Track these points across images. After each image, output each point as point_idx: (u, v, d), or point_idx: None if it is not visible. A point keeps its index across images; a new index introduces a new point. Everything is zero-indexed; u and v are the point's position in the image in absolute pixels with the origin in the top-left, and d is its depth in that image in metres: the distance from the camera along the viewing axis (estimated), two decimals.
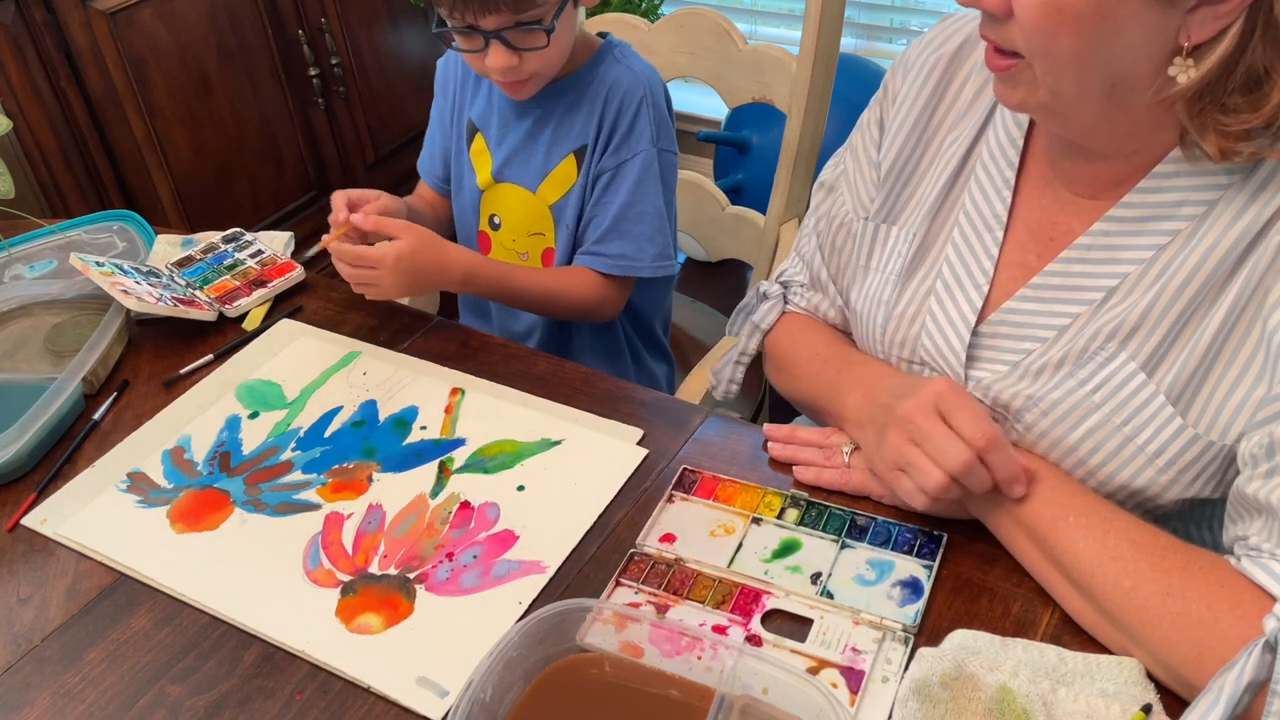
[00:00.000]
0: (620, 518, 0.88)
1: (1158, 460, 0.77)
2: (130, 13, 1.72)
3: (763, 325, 1.04)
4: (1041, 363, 0.82)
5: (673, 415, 0.98)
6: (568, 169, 1.21)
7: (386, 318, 1.14)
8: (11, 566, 0.88)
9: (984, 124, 0.87)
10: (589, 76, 1.19)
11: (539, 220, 1.24)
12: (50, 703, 0.76)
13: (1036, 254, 0.84)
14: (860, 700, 0.72)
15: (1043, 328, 0.82)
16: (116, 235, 1.27)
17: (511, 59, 1.09)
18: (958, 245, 0.87)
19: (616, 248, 1.20)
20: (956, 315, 0.87)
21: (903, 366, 0.91)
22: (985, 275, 0.85)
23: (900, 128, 0.92)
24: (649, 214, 1.20)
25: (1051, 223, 0.83)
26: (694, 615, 0.79)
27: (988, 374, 0.85)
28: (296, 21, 1.99)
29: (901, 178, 0.92)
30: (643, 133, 1.18)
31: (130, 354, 1.11)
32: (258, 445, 0.98)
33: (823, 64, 1.31)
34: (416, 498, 0.91)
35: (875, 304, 0.92)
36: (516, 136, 1.23)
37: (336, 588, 0.84)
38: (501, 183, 1.25)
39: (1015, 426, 0.83)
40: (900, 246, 0.91)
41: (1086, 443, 0.79)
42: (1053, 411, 0.80)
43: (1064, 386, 0.80)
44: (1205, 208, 0.74)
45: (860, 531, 0.84)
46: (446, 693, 0.75)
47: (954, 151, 0.88)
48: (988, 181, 0.86)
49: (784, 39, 2.56)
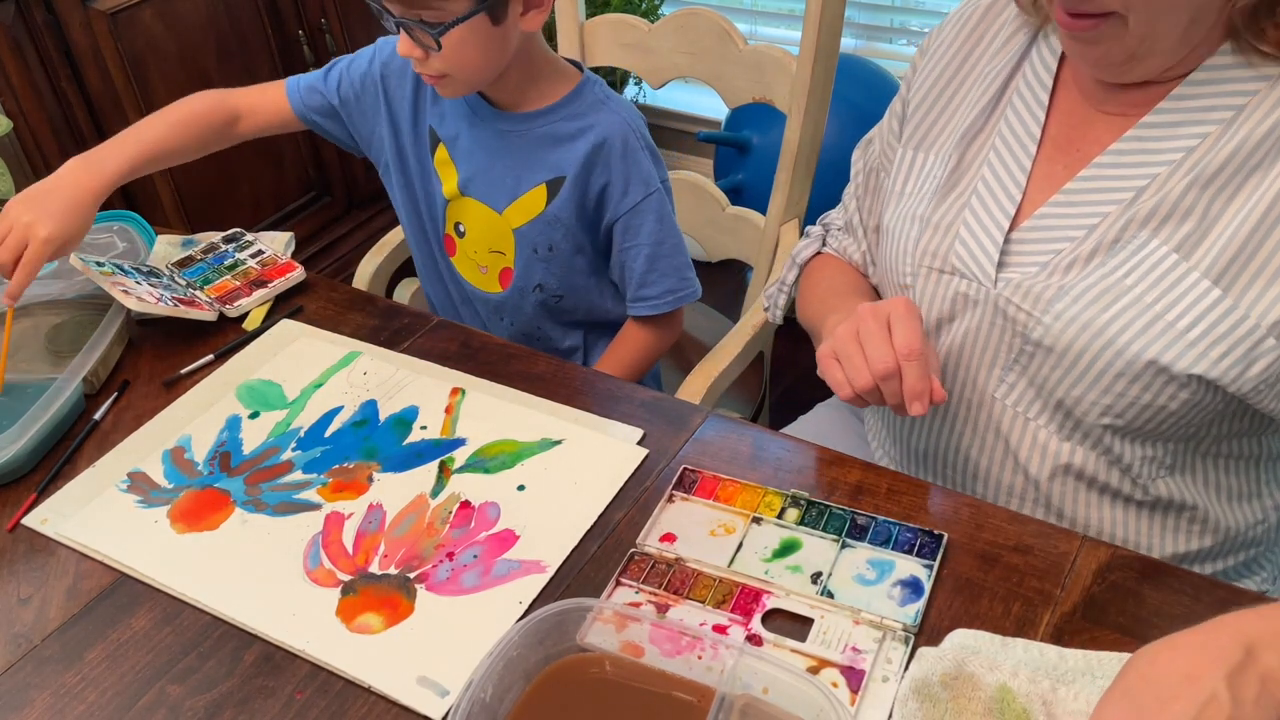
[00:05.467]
0: (620, 517, 0.88)
1: (1189, 334, 0.81)
2: (130, 13, 1.72)
3: (799, 260, 1.15)
4: (1073, 257, 0.86)
5: (673, 415, 0.98)
6: (537, 196, 1.21)
7: (387, 318, 1.14)
8: (11, 566, 0.88)
9: (1020, 59, 0.93)
10: (570, 111, 1.19)
11: (500, 240, 1.25)
12: (50, 703, 0.76)
13: (1064, 165, 0.89)
14: (860, 700, 0.72)
15: (1074, 228, 0.87)
16: (116, 235, 1.27)
17: (415, 50, 1.08)
18: (992, 164, 0.93)
19: (660, 286, 1.24)
20: (990, 222, 0.91)
21: (934, 278, 0.94)
22: (1018, 186, 0.90)
23: (935, 65, 0.99)
24: (678, 245, 1.25)
25: (1081, 137, 0.89)
26: (694, 615, 0.79)
27: (1019, 274, 0.89)
28: (296, 21, 1.99)
29: (936, 107, 0.98)
30: (649, 174, 1.21)
31: (130, 354, 1.11)
32: (258, 445, 0.98)
33: (823, 64, 1.31)
34: (417, 497, 0.91)
35: (909, 220, 0.97)
36: (483, 155, 1.22)
37: (337, 587, 0.84)
38: (467, 196, 1.24)
39: (1043, 319, 0.86)
40: (935, 170, 0.97)
41: (1117, 323, 0.83)
42: (1084, 297, 0.84)
43: (1095, 274, 0.84)
44: (1234, 111, 0.80)
45: (860, 531, 0.84)
46: (447, 692, 0.75)
47: (990, 83, 0.94)
48: (1023, 106, 0.92)
49: (784, 39, 2.56)
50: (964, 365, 0.94)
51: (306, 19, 2.00)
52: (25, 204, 1.07)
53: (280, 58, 1.98)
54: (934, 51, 1.00)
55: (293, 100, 1.27)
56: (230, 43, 1.88)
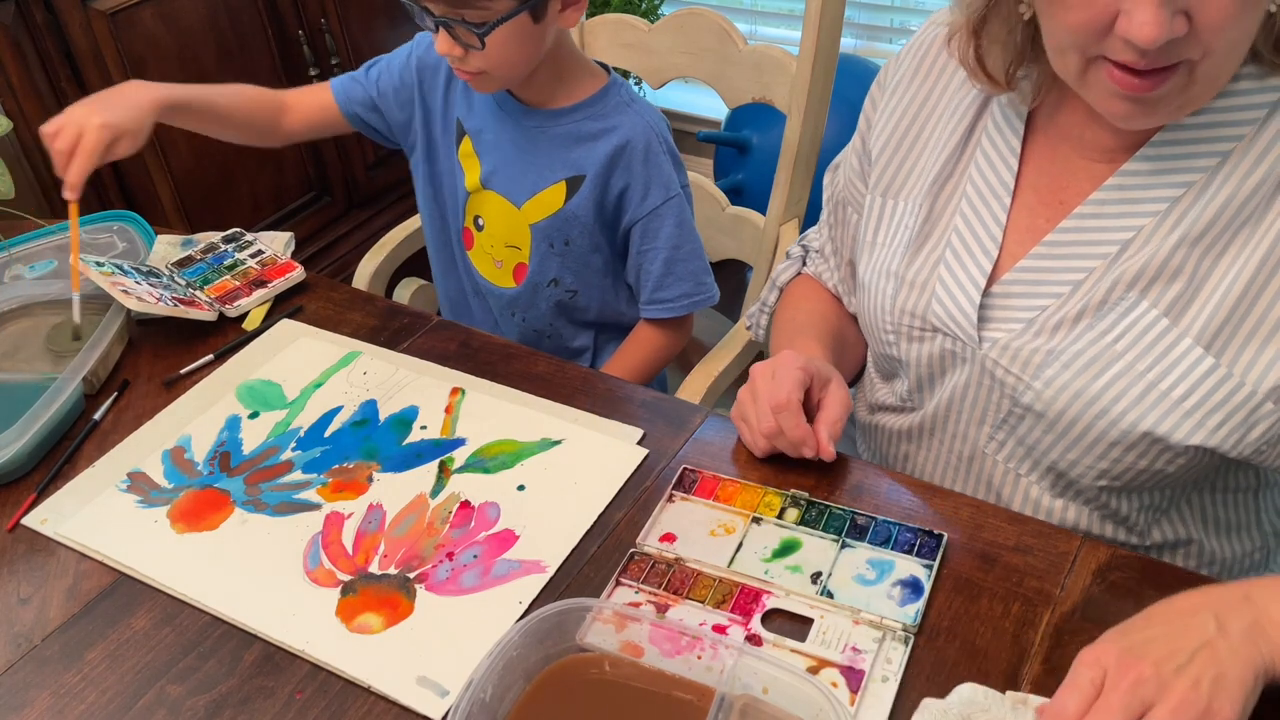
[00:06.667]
0: (620, 517, 0.88)
1: (1184, 404, 0.78)
2: (130, 13, 1.72)
3: (778, 282, 1.14)
4: (1059, 317, 0.82)
5: (673, 415, 0.98)
6: (555, 193, 1.22)
7: (387, 318, 1.14)
8: (11, 566, 0.88)
9: (985, 97, 0.88)
10: (594, 111, 1.20)
11: (517, 235, 1.26)
12: (50, 703, 0.76)
13: (1046, 218, 0.85)
14: (860, 700, 0.72)
15: (1058, 283, 0.83)
16: (116, 235, 1.27)
17: (454, 48, 1.10)
18: (965, 215, 0.88)
19: (676, 290, 1.26)
20: (966, 279, 0.87)
21: (914, 334, 0.92)
22: (994, 240, 0.86)
23: (896, 105, 0.94)
24: (697, 250, 1.26)
25: (1061, 187, 0.85)
26: (694, 615, 0.79)
27: (1003, 333, 0.85)
28: (296, 21, 1.99)
29: (901, 150, 0.94)
30: (669, 178, 1.22)
31: (130, 354, 1.11)
32: (258, 445, 0.98)
33: (823, 64, 1.31)
34: (417, 497, 0.91)
35: (884, 276, 0.93)
36: (506, 149, 1.23)
37: (337, 587, 0.84)
38: (488, 190, 1.25)
39: (1033, 385, 0.83)
40: (906, 219, 0.93)
41: (1109, 391, 0.80)
42: (1074, 364, 0.81)
43: (1085, 339, 0.81)
44: (1220, 159, 0.76)
45: (860, 531, 0.84)
46: (446, 692, 0.75)
47: (957, 123, 0.89)
48: (993, 151, 0.87)
49: (784, 39, 2.56)
50: (954, 419, 0.92)
51: (306, 19, 2.00)
52: (83, 103, 1.10)
53: (280, 58, 1.98)
54: (892, 89, 0.95)
55: (337, 95, 1.31)
56: (230, 43, 1.88)
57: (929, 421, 0.95)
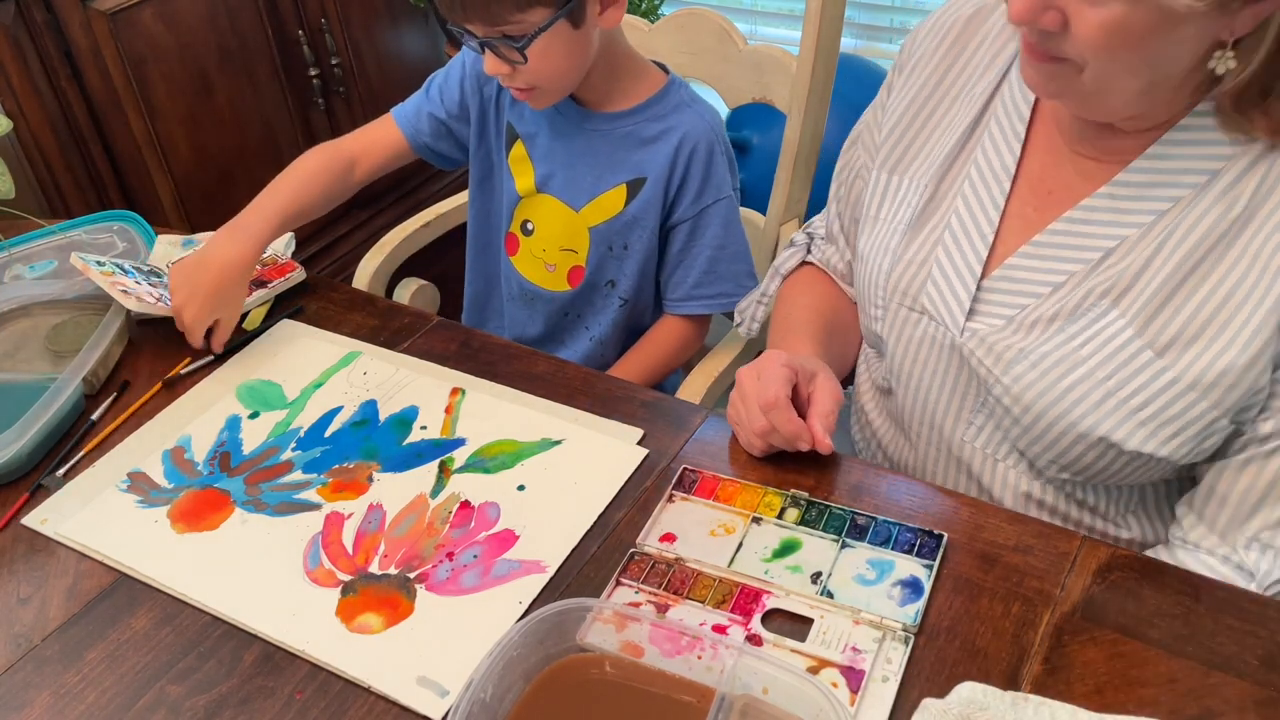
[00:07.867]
0: (620, 517, 0.88)
1: (1140, 414, 0.80)
2: (130, 13, 1.72)
3: (781, 270, 1.14)
4: (1035, 317, 0.85)
5: (673, 415, 0.98)
6: (616, 196, 1.22)
7: (387, 318, 1.14)
8: (11, 566, 0.88)
9: (999, 83, 0.90)
10: (654, 113, 1.20)
11: (574, 238, 1.25)
12: (50, 703, 0.76)
13: (1035, 206, 0.86)
14: (860, 700, 0.72)
15: (1039, 284, 0.85)
16: (116, 235, 1.27)
17: (502, 67, 1.10)
18: (967, 198, 0.90)
19: (716, 289, 1.26)
20: (964, 266, 0.89)
21: (902, 314, 0.93)
22: (991, 226, 0.88)
23: (914, 81, 0.95)
24: (742, 252, 1.27)
25: (1052, 177, 0.86)
26: (694, 615, 0.79)
27: (984, 326, 0.87)
28: (296, 21, 1.99)
29: (913, 128, 0.95)
30: (723, 179, 1.22)
31: (130, 354, 1.11)
32: (258, 445, 0.98)
33: (823, 64, 1.31)
34: (417, 497, 0.91)
35: (882, 251, 0.95)
36: (565, 153, 1.23)
37: (337, 587, 0.84)
38: (544, 193, 1.25)
39: (1002, 379, 0.85)
40: (910, 197, 0.94)
41: (1071, 394, 0.82)
42: (1041, 364, 0.83)
43: (1054, 341, 0.83)
44: (1209, 176, 0.77)
45: (860, 531, 0.84)
46: (446, 692, 0.75)
47: (969, 108, 0.91)
48: (1000, 136, 0.89)
49: (784, 39, 2.56)
50: (932, 403, 0.94)
51: (306, 19, 2.00)
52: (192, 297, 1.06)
53: (280, 58, 1.98)
54: (912, 66, 0.96)
55: (404, 128, 1.28)
56: (230, 43, 1.88)
57: (909, 403, 0.96)
